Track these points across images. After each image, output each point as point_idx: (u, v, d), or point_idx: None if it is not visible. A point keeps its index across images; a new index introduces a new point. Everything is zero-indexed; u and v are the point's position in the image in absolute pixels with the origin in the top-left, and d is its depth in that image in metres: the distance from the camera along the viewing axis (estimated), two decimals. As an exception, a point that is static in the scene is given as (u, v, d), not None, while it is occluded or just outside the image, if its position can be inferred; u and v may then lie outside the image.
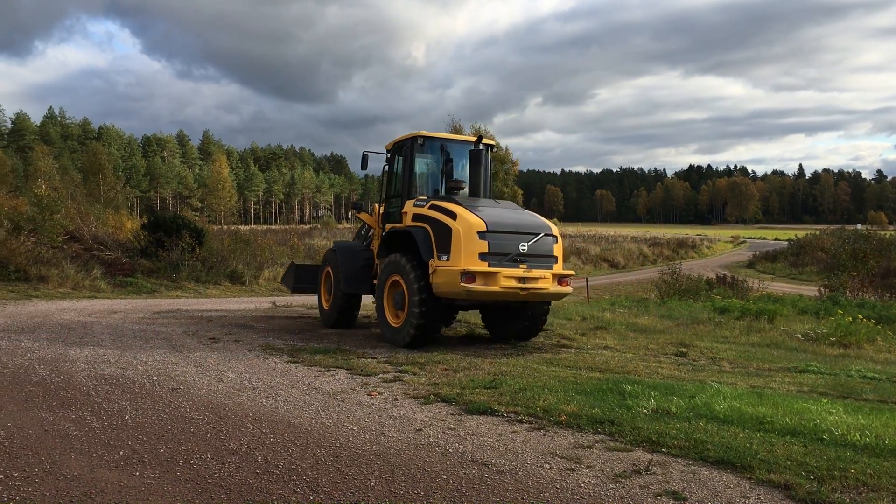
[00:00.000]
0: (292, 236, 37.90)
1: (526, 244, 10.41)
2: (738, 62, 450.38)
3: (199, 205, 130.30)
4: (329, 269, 13.24)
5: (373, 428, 5.99)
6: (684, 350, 11.60)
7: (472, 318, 14.63)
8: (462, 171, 12.13)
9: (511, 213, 11.01)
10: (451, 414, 6.58)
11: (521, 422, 6.31)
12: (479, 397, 7.08)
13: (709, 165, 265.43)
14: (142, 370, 8.22)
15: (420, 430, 5.98)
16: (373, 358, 9.59)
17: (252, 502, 4.28)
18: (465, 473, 4.90)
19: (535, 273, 10.34)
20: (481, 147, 11.78)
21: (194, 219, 30.61)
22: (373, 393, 7.40)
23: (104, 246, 23.28)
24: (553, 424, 6.20)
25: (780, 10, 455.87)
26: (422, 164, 12.28)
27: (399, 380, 8.10)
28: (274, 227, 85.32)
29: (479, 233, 10.07)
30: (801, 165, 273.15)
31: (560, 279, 10.73)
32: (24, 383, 7.30)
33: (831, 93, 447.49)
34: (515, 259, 10.29)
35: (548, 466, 5.09)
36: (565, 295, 11.17)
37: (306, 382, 7.86)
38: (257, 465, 4.95)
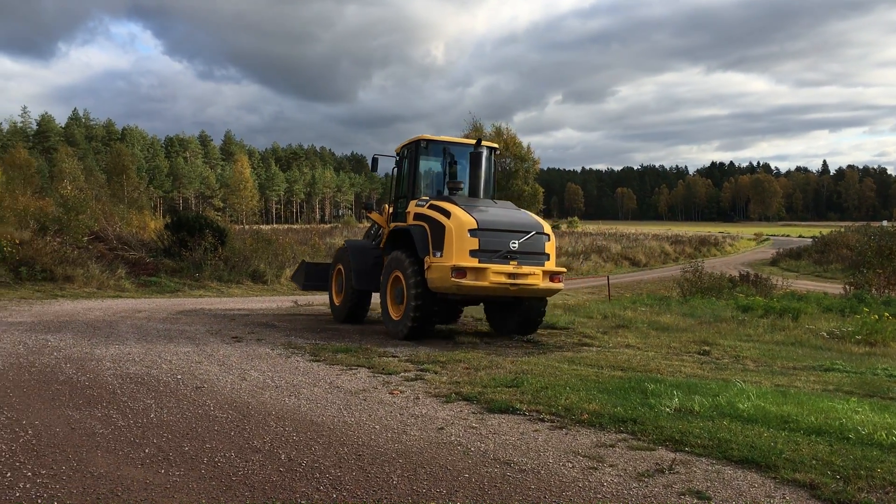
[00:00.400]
0: (313, 235, 38.09)
1: (517, 242, 10.87)
2: (760, 58, 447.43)
3: (222, 205, 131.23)
4: (340, 266, 13.66)
5: (395, 426, 6.01)
6: (707, 348, 11.52)
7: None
8: (464, 172, 12.55)
9: (505, 213, 11.47)
10: (473, 412, 6.58)
11: (542, 420, 6.30)
12: (500, 396, 7.08)
13: (731, 162, 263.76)
14: (166, 369, 8.29)
15: (442, 428, 5.98)
16: (394, 357, 9.61)
17: (275, 500, 4.31)
18: (486, 472, 4.90)
19: (526, 269, 10.75)
20: (480, 150, 12.27)
21: (217, 219, 30.84)
22: (394, 391, 7.42)
23: (128, 246, 23.52)
24: (575, 423, 6.19)
25: (803, 5, 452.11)
26: (425, 167, 12.80)
27: (421, 378, 8.11)
28: (295, 226, 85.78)
29: (470, 230, 10.56)
30: (825, 162, 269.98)
31: (552, 276, 11.15)
32: (50, 382, 7.39)
33: (856, 88, 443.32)
34: (506, 256, 10.74)
35: (570, 465, 5.08)
36: (557, 291, 11.50)
37: (328, 381, 7.89)
38: (280, 462, 4.98)
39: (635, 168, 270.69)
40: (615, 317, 15.96)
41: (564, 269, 11.68)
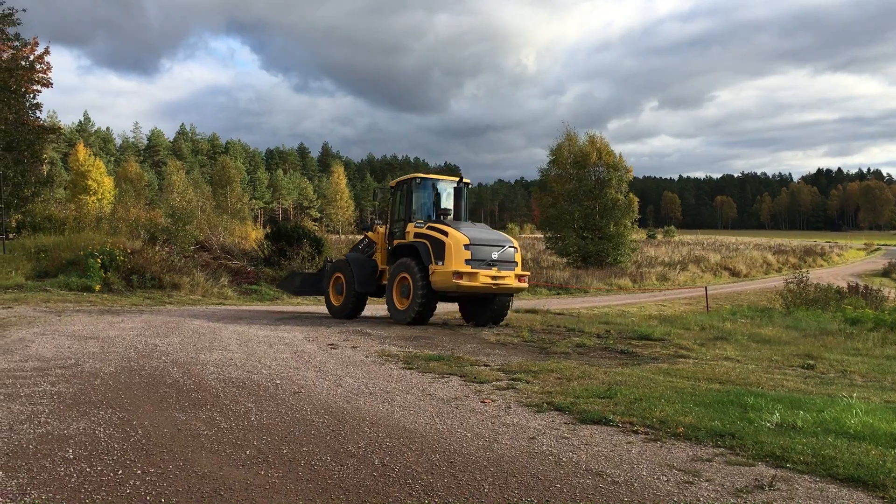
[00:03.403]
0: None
1: (496, 253, 14.32)
2: (872, 58, 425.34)
3: (318, 215, 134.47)
4: (339, 274, 16.64)
5: (486, 435, 6.03)
6: (812, 362, 11.07)
7: (586, 328, 14.53)
8: (447, 201, 15.97)
9: (485, 232, 15.04)
10: (565, 423, 6.54)
11: (636, 432, 6.19)
12: (593, 406, 7.00)
13: (839, 169, 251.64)
14: (266, 374, 8.58)
15: (533, 438, 5.97)
16: (486, 366, 9.64)
17: (370, 503, 4.40)
18: (579, 483, 4.86)
19: (503, 273, 14.28)
20: (461, 185, 15.90)
21: (314, 228, 31.67)
22: (486, 400, 7.44)
23: (231, 255, 24.42)
24: (670, 436, 6.06)
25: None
26: (418, 197, 15.92)
27: (512, 387, 8.11)
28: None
29: (465, 245, 13.87)
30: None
31: (519, 277, 14.71)
32: (158, 385, 7.76)
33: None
34: (489, 263, 14.12)
35: (665, 479, 4.98)
36: (523, 289, 15.49)
37: (421, 388, 7.99)
38: (374, 467, 5.08)
39: (735, 175, 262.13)
40: (713, 328, 15.55)
41: (528, 273, 15.75)
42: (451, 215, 15.62)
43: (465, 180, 16.13)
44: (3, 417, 6.13)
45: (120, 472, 4.84)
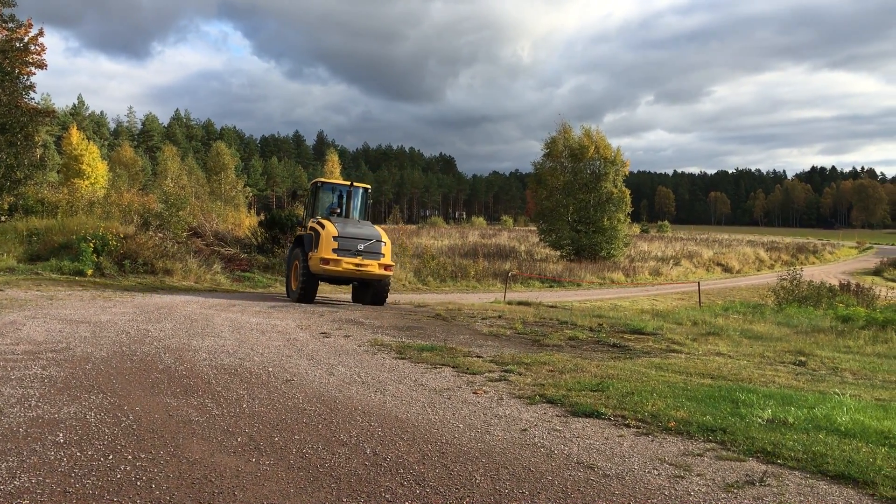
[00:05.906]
0: (401, 235, 38.52)
1: (363, 245, 16.81)
2: (871, 56, 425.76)
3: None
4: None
5: (478, 426, 6.03)
6: (803, 359, 11.11)
7: (578, 322, 14.54)
8: (343, 202, 18.72)
9: (359, 228, 17.48)
10: (557, 415, 6.54)
11: (628, 426, 6.21)
12: (585, 399, 7.01)
13: (833, 167, 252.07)
14: (258, 361, 8.56)
15: (525, 429, 5.97)
16: (479, 357, 9.64)
17: (360, 492, 4.39)
18: (570, 475, 4.87)
19: (367, 262, 16.85)
20: (351, 188, 18.87)
21: (308, 217, 31.56)
22: (478, 391, 7.44)
23: (224, 242, 24.34)
24: (661, 430, 6.07)
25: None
26: (322, 198, 18.91)
27: (504, 379, 8.11)
28: (383, 226, 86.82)
29: (333, 237, 16.48)
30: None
31: (385, 266, 17.23)
32: (150, 370, 7.73)
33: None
34: (355, 253, 16.66)
35: (656, 473, 4.99)
36: (388, 276, 17.73)
37: (413, 379, 7.98)
38: (366, 456, 5.08)
39: (730, 172, 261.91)
40: (705, 324, 15.59)
41: (394, 263, 18.48)
42: (342, 213, 18.41)
43: (356, 184, 19.23)
44: (-7, 400, 6.10)
45: (111, 456, 4.83)
